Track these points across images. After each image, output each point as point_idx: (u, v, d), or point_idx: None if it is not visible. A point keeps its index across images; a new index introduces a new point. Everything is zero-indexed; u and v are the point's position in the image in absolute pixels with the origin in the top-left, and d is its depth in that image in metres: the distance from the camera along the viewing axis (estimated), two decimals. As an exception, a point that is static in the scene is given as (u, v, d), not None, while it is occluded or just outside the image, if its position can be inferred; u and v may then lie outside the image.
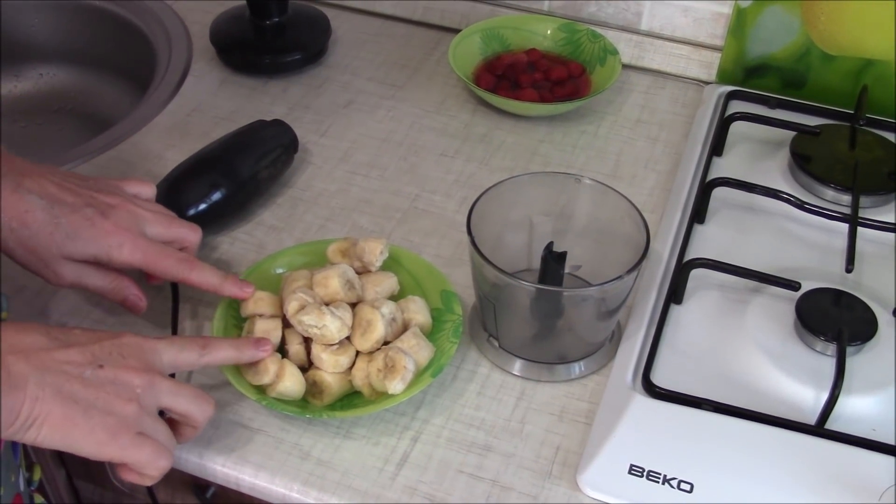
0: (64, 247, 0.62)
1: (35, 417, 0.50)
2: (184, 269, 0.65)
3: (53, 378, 0.50)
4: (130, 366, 0.54)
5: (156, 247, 0.65)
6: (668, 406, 0.63)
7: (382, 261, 0.69)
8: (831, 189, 0.79)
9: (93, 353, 0.53)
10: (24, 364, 0.50)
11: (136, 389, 0.53)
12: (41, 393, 0.50)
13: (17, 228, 0.61)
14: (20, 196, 0.61)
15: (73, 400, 0.51)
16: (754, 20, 0.91)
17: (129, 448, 0.53)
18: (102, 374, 0.52)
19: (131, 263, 0.64)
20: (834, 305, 0.68)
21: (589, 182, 0.70)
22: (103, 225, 0.63)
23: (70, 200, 0.63)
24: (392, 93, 0.95)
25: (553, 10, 1.01)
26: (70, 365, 0.52)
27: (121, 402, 0.52)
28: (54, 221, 0.61)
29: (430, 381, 0.63)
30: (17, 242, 0.62)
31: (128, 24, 1.05)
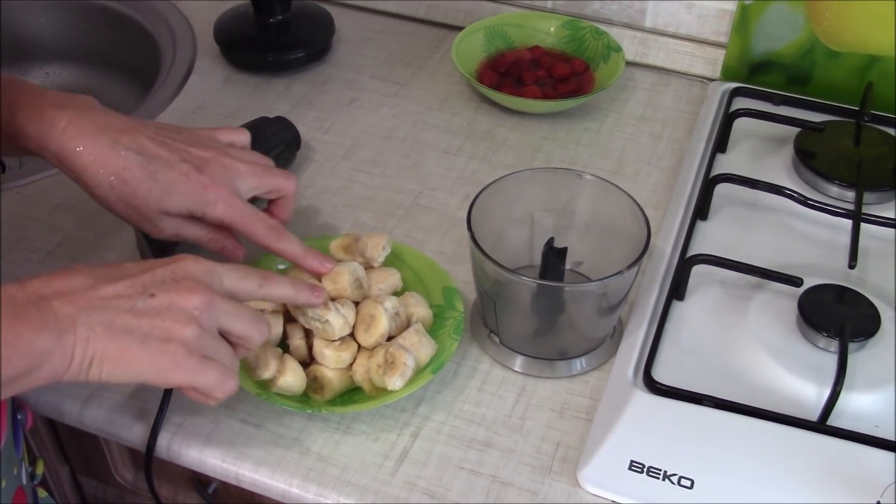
0: (161, 202, 0.62)
1: (91, 357, 0.49)
2: (271, 236, 0.64)
3: (102, 315, 0.50)
4: (186, 287, 0.52)
5: (249, 209, 0.64)
6: (669, 402, 0.62)
7: (385, 256, 0.69)
8: (835, 185, 0.79)
9: (142, 283, 0.52)
10: (69, 306, 0.49)
11: (195, 312, 0.52)
12: (91, 333, 0.49)
13: (117, 185, 0.61)
14: (118, 152, 0.61)
15: (126, 333, 0.50)
16: (759, 17, 0.91)
17: (195, 373, 0.52)
18: (155, 301, 0.51)
19: (223, 221, 0.64)
20: (837, 301, 0.68)
21: (590, 178, 0.69)
22: (199, 180, 0.63)
23: (165, 156, 0.63)
24: (395, 90, 0.95)
25: (557, 7, 1.01)
26: (119, 299, 0.51)
27: (179, 326, 0.51)
28: (151, 177, 0.62)
29: (431, 377, 0.63)
30: (117, 198, 0.62)
31: (132, 23, 1.05)
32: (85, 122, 0.62)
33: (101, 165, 0.61)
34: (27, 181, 0.83)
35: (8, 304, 0.48)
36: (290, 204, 0.69)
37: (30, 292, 0.49)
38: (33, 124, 0.61)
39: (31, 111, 0.61)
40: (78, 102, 0.63)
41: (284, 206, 0.69)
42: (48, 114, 0.61)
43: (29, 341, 0.47)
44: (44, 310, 0.49)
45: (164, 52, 1.00)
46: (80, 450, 0.78)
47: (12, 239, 0.77)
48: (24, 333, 0.47)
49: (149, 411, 0.64)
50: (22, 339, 0.47)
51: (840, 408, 0.62)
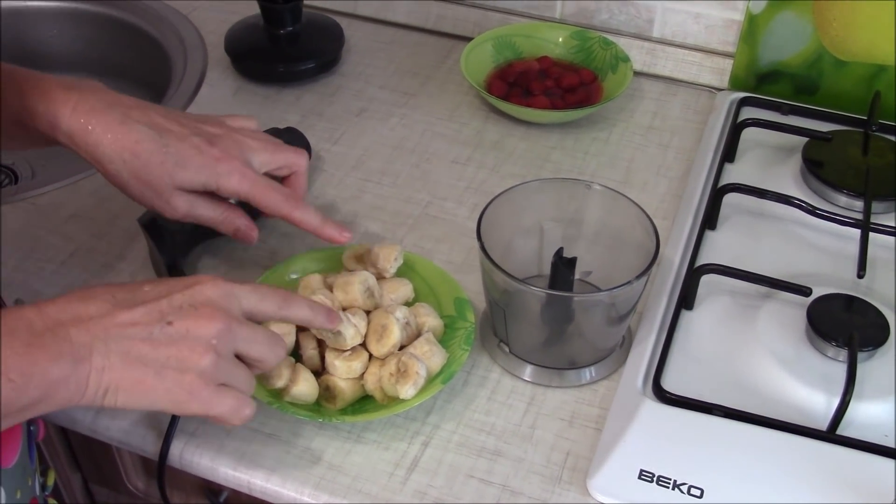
0: (174, 175, 0.62)
1: (107, 386, 0.49)
2: (288, 205, 0.64)
3: (118, 344, 0.49)
4: (204, 315, 0.52)
5: (264, 180, 0.64)
6: (678, 411, 0.63)
7: (397, 267, 0.69)
8: (843, 195, 0.79)
9: (160, 311, 0.51)
10: (86, 334, 0.49)
11: (212, 340, 0.51)
12: (107, 362, 0.49)
13: (129, 160, 0.61)
14: (129, 126, 0.61)
15: (142, 363, 0.50)
16: (766, 27, 0.91)
17: (211, 403, 0.52)
18: (172, 330, 0.51)
19: (238, 193, 0.63)
20: (846, 311, 0.68)
21: (599, 188, 0.70)
22: (211, 152, 0.63)
23: (176, 129, 0.63)
24: (404, 100, 0.96)
25: (565, 17, 1.02)
26: (136, 327, 0.50)
27: (196, 356, 0.51)
28: (163, 150, 0.61)
29: (441, 387, 0.64)
30: (130, 174, 0.61)
31: (144, 34, 1.06)
32: (95, 99, 0.62)
33: (112, 140, 0.61)
34: (41, 192, 0.83)
35: (25, 331, 0.48)
36: (303, 179, 0.69)
37: (48, 318, 0.49)
38: (43, 105, 0.61)
39: (40, 93, 0.61)
40: (86, 83, 0.63)
41: (297, 181, 0.69)
42: (58, 94, 0.61)
43: (44, 370, 0.47)
44: (61, 337, 0.48)
45: (175, 63, 1.01)
46: (91, 458, 0.79)
47: (26, 249, 0.78)
48: (39, 362, 0.47)
49: (161, 420, 0.64)
50: (37, 367, 0.47)
51: (849, 417, 0.62)
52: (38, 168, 1.10)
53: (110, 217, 0.81)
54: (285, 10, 0.97)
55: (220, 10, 1.08)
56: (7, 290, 0.63)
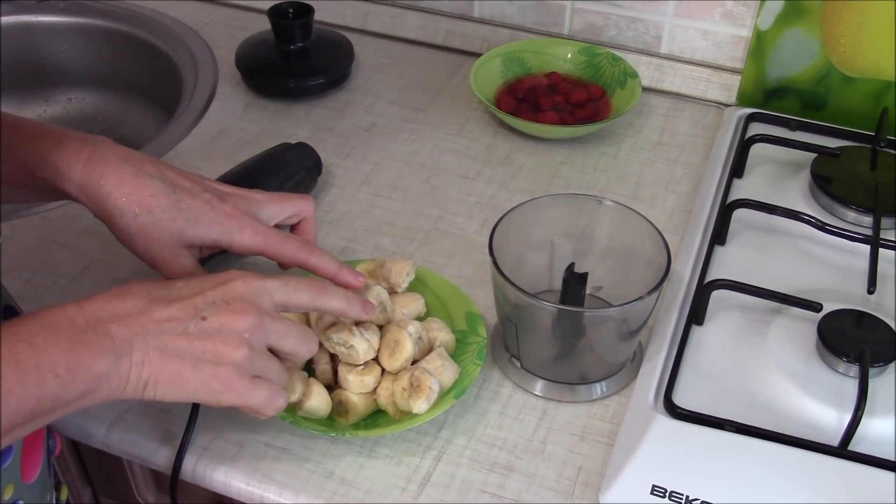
0: (185, 232, 0.62)
1: (146, 380, 0.51)
2: (304, 253, 0.64)
3: (156, 339, 0.51)
4: (236, 310, 0.54)
5: (276, 232, 0.64)
6: (689, 427, 0.63)
7: (409, 282, 0.70)
8: (852, 210, 0.79)
9: (195, 306, 0.53)
10: (125, 330, 0.51)
11: (245, 333, 0.53)
12: (146, 356, 0.51)
13: (141, 213, 0.61)
14: (142, 181, 0.61)
15: (179, 357, 0.52)
16: (774, 43, 0.92)
17: (245, 394, 0.54)
18: (206, 324, 0.53)
19: (251, 248, 0.63)
20: (856, 326, 0.68)
21: (610, 203, 0.70)
22: (223, 209, 0.63)
23: (188, 185, 0.63)
24: (414, 116, 0.96)
25: (573, 33, 1.02)
26: (172, 322, 0.52)
27: (230, 349, 0.53)
28: (176, 206, 0.61)
29: (454, 401, 0.64)
30: (138, 229, 0.61)
31: (155, 49, 1.07)
32: (108, 152, 0.62)
33: (125, 193, 0.61)
34: (53, 206, 0.84)
35: (68, 329, 0.49)
36: (313, 225, 0.69)
37: (88, 315, 0.51)
38: (56, 153, 0.61)
39: (53, 141, 0.61)
40: (97, 138, 0.63)
41: (307, 228, 0.69)
42: (71, 144, 0.61)
43: (89, 366, 0.49)
44: (102, 334, 0.50)
45: (186, 79, 1.02)
46: (102, 471, 0.79)
47: (38, 263, 0.78)
48: (84, 359, 0.49)
49: (174, 434, 0.65)
50: (82, 364, 0.49)
51: (861, 433, 0.62)
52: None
53: (122, 231, 0.81)
54: (296, 26, 0.98)
55: (231, 26, 1.09)
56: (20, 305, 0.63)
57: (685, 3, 0.96)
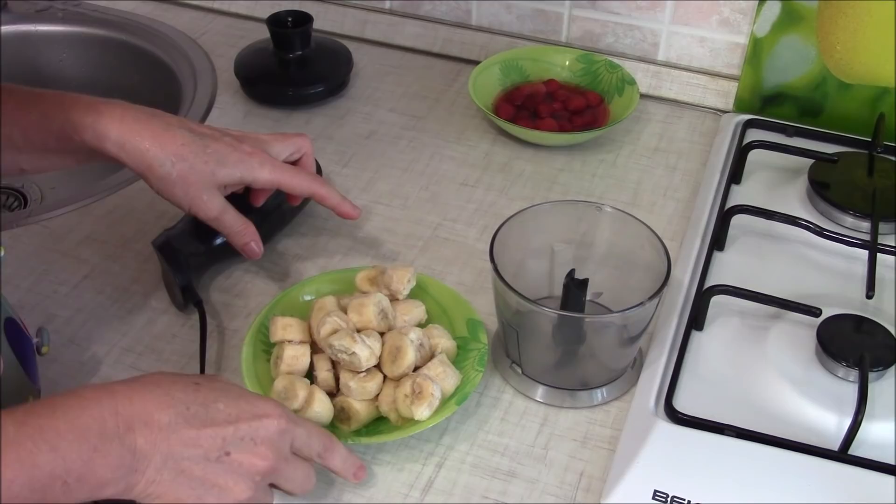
0: (216, 173, 0.68)
1: (149, 494, 0.51)
2: (315, 184, 0.73)
3: (176, 463, 0.51)
4: (260, 454, 0.54)
5: (290, 167, 0.72)
6: (690, 432, 0.63)
7: (410, 289, 0.70)
8: (850, 216, 0.80)
9: (223, 438, 0.53)
10: (151, 446, 0.50)
11: (257, 477, 0.54)
12: (159, 476, 0.51)
13: (177, 161, 0.67)
14: (172, 132, 0.68)
15: (188, 485, 0.52)
16: (770, 50, 0.92)
17: None
18: (228, 460, 0.53)
19: (272, 181, 0.71)
20: (855, 331, 0.68)
21: (609, 210, 0.71)
22: (243, 148, 0.70)
23: (209, 132, 0.70)
24: (413, 123, 0.97)
25: (571, 41, 1.03)
26: (197, 448, 0.52)
27: (238, 490, 0.53)
28: (205, 151, 0.68)
29: (456, 408, 0.64)
30: (178, 176, 0.67)
31: (154, 59, 1.07)
32: (137, 111, 0.68)
33: (161, 145, 0.67)
34: (53, 215, 0.84)
35: (96, 436, 0.48)
36: (311, 159, 0.77)
37: (121, 421, 0.50)
38: (90, 117, 0.66)
39: (85, 106, 0.66)
40: (119, 101, 0.69)
41: (307, 161, 0.76)
42: (102, 107, 0.67)
43: (100, 477, 0.49)
44: (127, 447, 0.50)
45: (185, 87, 1.02)
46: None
47: (39, 272, 0.78)
48: (98, 470, 0.48)
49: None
50: (95, 475, 0.48)
51: (861, 437, 0.62)
52: (48, 191, 1.10)
53: (123, 240, 0.81)
54: (294, 35, 0.98)
55: (230, 35, 1.10)
56: (21, 313, 0.63)
57: (682, 11, 0.96)
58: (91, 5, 1.14)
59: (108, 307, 0.75)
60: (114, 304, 0.75)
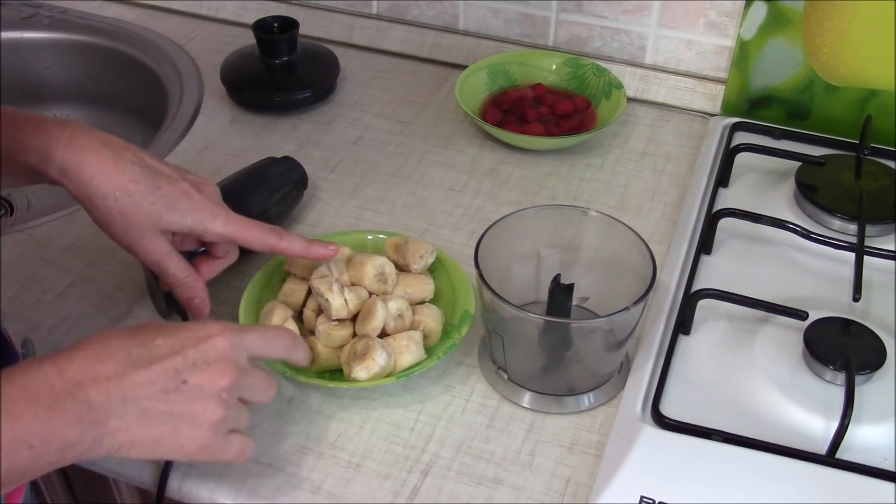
0: (162, 217, 0.64)
1: (121, 444, 0.51)
2: (273, 237, 0.68)
3: (135, 405, 0.51)
4: (216, 371, 0.54)
5: (246, 221, 0.68)
6: (677, 437, 0.63)
7: (423, 265, 0.72)
8: (837, 219, 0.80)
9: (175, 369, 0.52)
10: (104, 397, 0.50)
11: (222, 394, 0.54)
12: (123, 423, 0.51)
13: (121, 197, 0.62)
14: (123, 165, 0.63)
15: (158, 422, 0.52)
16: (757, 53, 0.92)
17: (219, 452, 0.55)
18: (186, 387, 0.52)
19: (224, 235, 0.67)
20: (842, 334, 0.68)
21: (595, 214, 0.70)
22: (198, 199, 0.65)
23: (167, 172, 0.65)
24: (400, 128, 0.96)
25: (558, 45, 1.03)
26: (152, 386, 0.51)
27: (209, 412, 0.53)
28: (155, 192, 0.63)
29: (393, 380, 0.66)
30: (118, 212, 0.63)
31: (140, 65, 1.07)
32: (88, 137, 0.63)
33: (106, 177, 0.62)
34: (37, 223, 0.83)
35: (47, 396, 0.48)
36: None
37: (67, 379, 0.49)
38: (36, 138, 0.62)
39: (34, 126, 0.62)
40: (75, 122, 0.65)
41: None
42: (51, 129, 0.62)
43: (63, 435, 0.48)
44: (80, 401, 0.49)
45: (172, 94, 1.02)
46: (88, 490, 0.78)
47: (23, 280, 0.78)
48: (59, 429, 0.48)
49: (160, 451, 0.64)
50: (57, 434, 0.48)
51: (848, 441, 0.62)
52: (34, 199, 1.10)
53: (107, 248, 0.81)
54: (281, 41, 0.98)
55: (216, 41, 1.09)
56: (5, 322, 0.63)
57: (669, 14, 0.96)
58: (77, 12, 1.14)
59: (92, 315, 0.75)
60: (98, 313, 0.75)
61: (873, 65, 0.88)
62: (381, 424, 0.67)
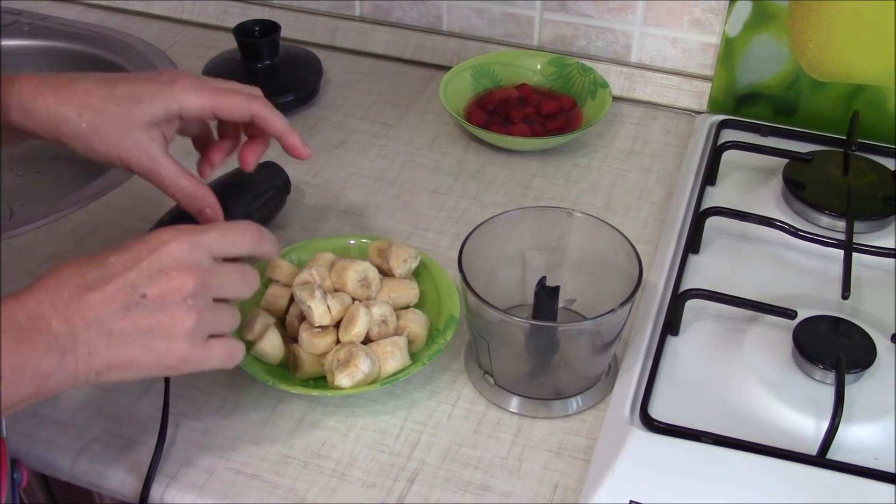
0: (133, 113, 0.60)
1: (97, 369, 0.50)
2: (257, 103, 0.63)
3: (99, 328, 0.50)
4: (175, 278, 0.52)
5: (222, 88, 0.63)
6: (667, 440, 0.62)
7: (406, 269, 0.71)
8: (825, 215, 0.79)
9: (131, 284, 0.51)
10: (66, 325, 0.49)
11: (188, 300, 0.52)
12: (91, 348, 0.50)
13: (84, 112, 0.59)
14: (75, 83, 0.60)
15: (126, 341, 0.51)
16: (743, 49, 0.92)
17: (202, 360, 0.54)
18: (148, 301, 0.51)
19: (202, 107, 0.62)
20: (832, 333, 0.67)
21: (580, 215, 0.69)
22: (161, 79, 0.62)
23: (122, 76, 0.62)
24: (384, 131, 0.95)
25: (543, 44, 1.02)
26: (112, 305, 0.50)
27: (178, 321, 0.52)
28: (113, 92, 0.60)
29: (378, 387, 0.65)
30: (88, 127, 0.59)
31: (122, 71, 1.06)
32: (39, 77, 0.61)
33: (62, 99, 0.59)
34: (17, 233, 0.82)
35: (10, 327, 0.48)
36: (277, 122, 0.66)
37: (29, 310, 0.49)
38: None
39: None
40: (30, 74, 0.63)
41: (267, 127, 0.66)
42: (5, 80, 0.60)
43: (35, 366, 0.48)
44: (45, 332, 0.49)
45: (153, 100, 1.00)
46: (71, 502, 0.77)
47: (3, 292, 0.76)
48: (29, 358, 0.48)
49: (142, 463, 0.63)
50: (27, 364, 0.48)
51: (839, 440, 0.61)
52: (17, 208, 1.09)
53: (88, 256, 0.80)
54: (262, 44, 0.97)
55: (198, 46, 1.08)
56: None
57: (654, 12, 0.95)
58: (58, 19, 1.13)
59: (72, 326, 0.74)
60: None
61: (859, 60, 0.88)
62: (367, 432, 0.66)
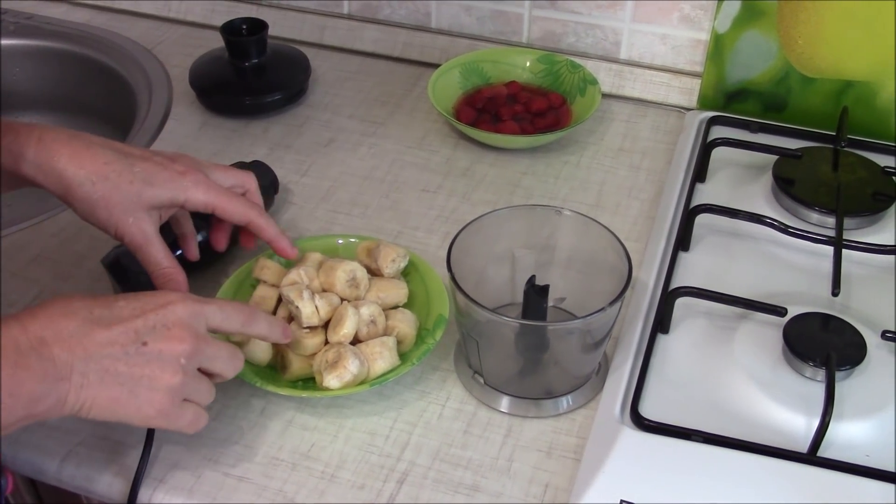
0: (143, 194, 0.63)
1: (83, 402, 0.52)
2: (253, 212, 0.67)
3: (97, 363, 0.52)
4: (175, 336, 0.55)
5: (227, 191, 0.67)
6: (657, 438, 0.62)
7: (395, 269, 0.71)
8: (815, 212, 0.79)
9: (136, 331, 0.54)
10: (67, 354, 0.51)
11: (181, 360, 0.55)
12: (85, 380, 0.52)
13: (98, 181, 0.62)
14: (95, 151, 0.63)
15: (117, 382, 0.53)
16: (732, 45, 0.91)
17: (174, 418, 0.56)
18: (146, 350, 0.54)
19: (206, 203, 0.65)
20: (822, 330, 0.67)
21: (569, 214, 0.69)
22: (174, 167, 0.65)
23: (138, 153, 0.65)
24: (373, 130, 0.95)
25: (532, 42, 1.01)
26: (113, 347, 0.53)
27: (167, 376, 0.54)
28: (131, 170, 0.63)
29: (367, 388, 0.64)
30: (99, 196, 0.62)
31: (109, 70, 1.05)
32: (57, 131, 0.64)
33: (80, 164, 0.62)
34: (2, 234, 0.82)
35: (12, 352, 0.50)
36: (258, 196, 0.71)
37: (32, 336, 0.51)
38: (7, 137, 0.62)
39: (3, 129, 0.63)
40: (41, 124, 0.65)
41: (253, 198, 0.71)
42: (20, 129, 0.63)
43: (30, 391, 0.50)
44: (45, 358, 0.51)
45: (140, 98, 1.00)
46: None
47: (-12, 294, 0.76)
48: (25, 384, 0.50)
49: (129, 467, 0.63)
50: (24, 389, 0.50)
51: (829, 438, 0.61)
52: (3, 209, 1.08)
53: (74, 258, 0.79)
54: (250, 43, 0.96)
55: (185, 44, 1.07)
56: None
57: (643, 9, 0.95)
58: (43, 17, 1.12)
59: (59, 328, 0.73)
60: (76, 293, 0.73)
61: (849, 56, 0.88)
62: (356, 433, 0.65)
